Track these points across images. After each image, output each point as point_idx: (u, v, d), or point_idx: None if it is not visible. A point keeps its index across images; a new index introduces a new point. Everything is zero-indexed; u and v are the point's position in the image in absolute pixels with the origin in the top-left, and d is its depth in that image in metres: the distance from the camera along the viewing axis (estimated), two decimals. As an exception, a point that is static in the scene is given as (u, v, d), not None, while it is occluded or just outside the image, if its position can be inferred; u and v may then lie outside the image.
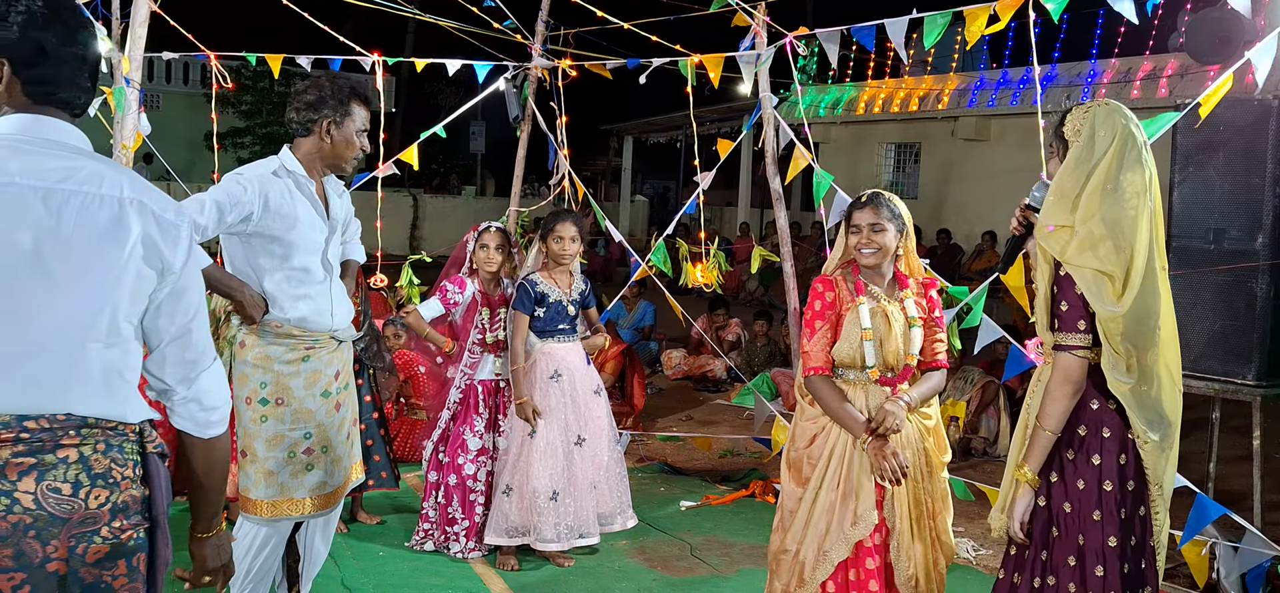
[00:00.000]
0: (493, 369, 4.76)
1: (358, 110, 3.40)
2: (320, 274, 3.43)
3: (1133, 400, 2.61)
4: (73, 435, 1.79)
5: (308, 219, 3.36)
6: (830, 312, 3.26)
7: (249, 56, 6.44)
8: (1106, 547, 2.62)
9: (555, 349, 4.64)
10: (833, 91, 17.81)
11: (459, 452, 4.70)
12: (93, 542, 1.79)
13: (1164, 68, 12.56)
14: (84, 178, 1.81)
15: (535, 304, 4.59)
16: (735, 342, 9.73)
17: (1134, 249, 2.55)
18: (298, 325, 3.38)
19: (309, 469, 3.44)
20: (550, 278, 4.64)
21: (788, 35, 5.45)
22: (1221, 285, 4.42)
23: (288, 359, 3.39)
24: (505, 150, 13.53)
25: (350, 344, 3.66)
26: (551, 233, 4.62)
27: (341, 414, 3.54)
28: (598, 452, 4.68)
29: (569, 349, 4.67)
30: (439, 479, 4.76)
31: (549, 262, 4.66)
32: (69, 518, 1.76)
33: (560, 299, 4.63)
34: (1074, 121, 2.67)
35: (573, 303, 4.68)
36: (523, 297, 4.58)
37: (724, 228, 21.13)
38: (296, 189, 3.35)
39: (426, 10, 8.39)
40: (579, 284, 4.75)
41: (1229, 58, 4.44)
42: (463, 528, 4.70)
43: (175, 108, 25.88)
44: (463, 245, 4.84)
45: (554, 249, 4.62)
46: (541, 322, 4.61)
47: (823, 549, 3.21)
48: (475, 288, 4.73)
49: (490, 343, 4.73)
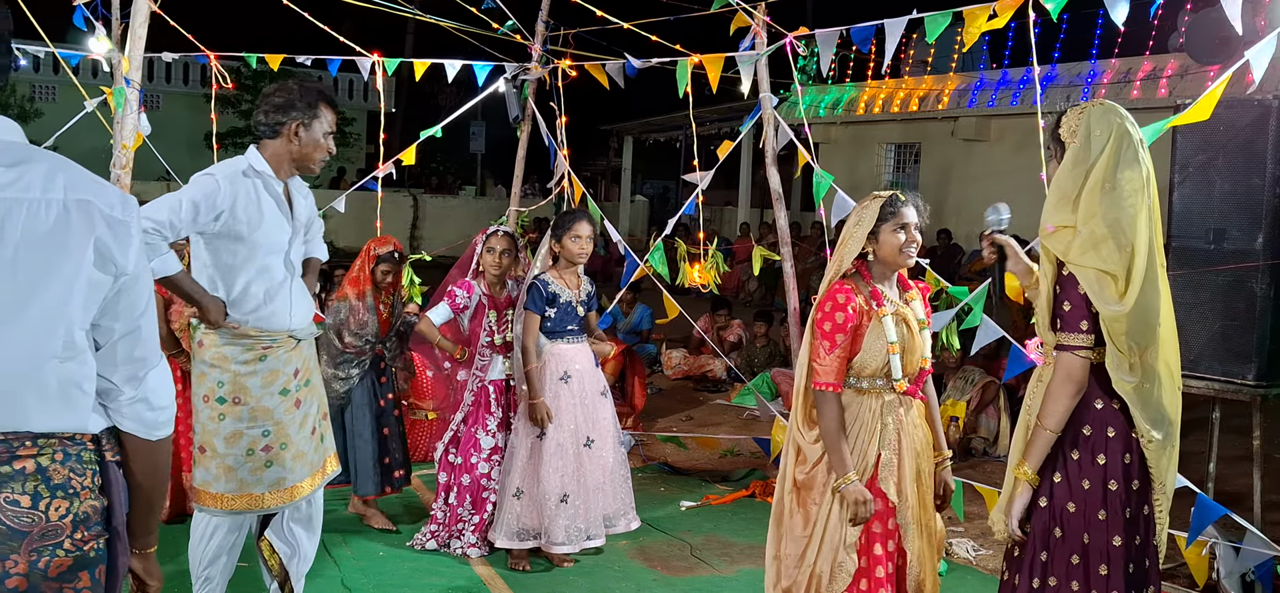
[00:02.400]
0: (503, 369, 4.77)
1: (325, 113, 3.47)
2: (282, 274, 3.48)
3: (1137, 399, 2.61)
4: (29, 446, 1.72)
5: (273, 219, 3.43)
6: (851, 324, 3.05)
7: (249, 57, 6.44)
8: (1111, 546, 2.63)
9: (564, 350, 4.63)
10: (833, 91, 17.80)
11: (472, 451, 4.71)
12: (55, 555, 1.72)
13: (1164, 68, 12.55)
14: (28, 183, 1.68)
15: (546, 304, 4.58)
16: (736, 342, 9.73)
17: (1134, 248, 2.55)
18: (256, 326, 3.43)
19: (268, 466, 3.49)
20: (560, 278, 4.63)
21: (788, 35, 5.45)
22: (1221, 285, 4.41)
23: (244, 359, 3.45)
24: (505, 150, 13.55)
25: (312, 342, 3.71)
26: (568, 232, 4.59)
27: (303, 410, 3.59)
28: (604, 453, 4.68)
29: (578, 350, 4.66)
30: (450, 480, 4.77)
31: (560, 262, 4.64)
32: (29, 531, 1.69)
33: (570, 300, 4.62)
34: (1070, 123, 2.69)
35: (582, 304, 4.68)
36: (535, 297, 4.55)
37: (724, 228, 21.12)
38: (264, 190, 3.41)
39: (426, 10, 8.39)
40: (586, 285, 4.75)
41: (1229, 58, 4.43)
42: (470, 525, 4.70)
43: (175, 108, 25.91)
44: (471, 249, 4.84)
45: (572, 249, 4.59)
46: (551, 323, 4.60)
47: (837, 562, 3.12)
48: (481, 291, 4.74)
49: (499, 345, 4.75)
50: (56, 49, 5.94)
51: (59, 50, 5.98)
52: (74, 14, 5.48)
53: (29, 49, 6.98)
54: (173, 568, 4.10)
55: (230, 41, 6.64)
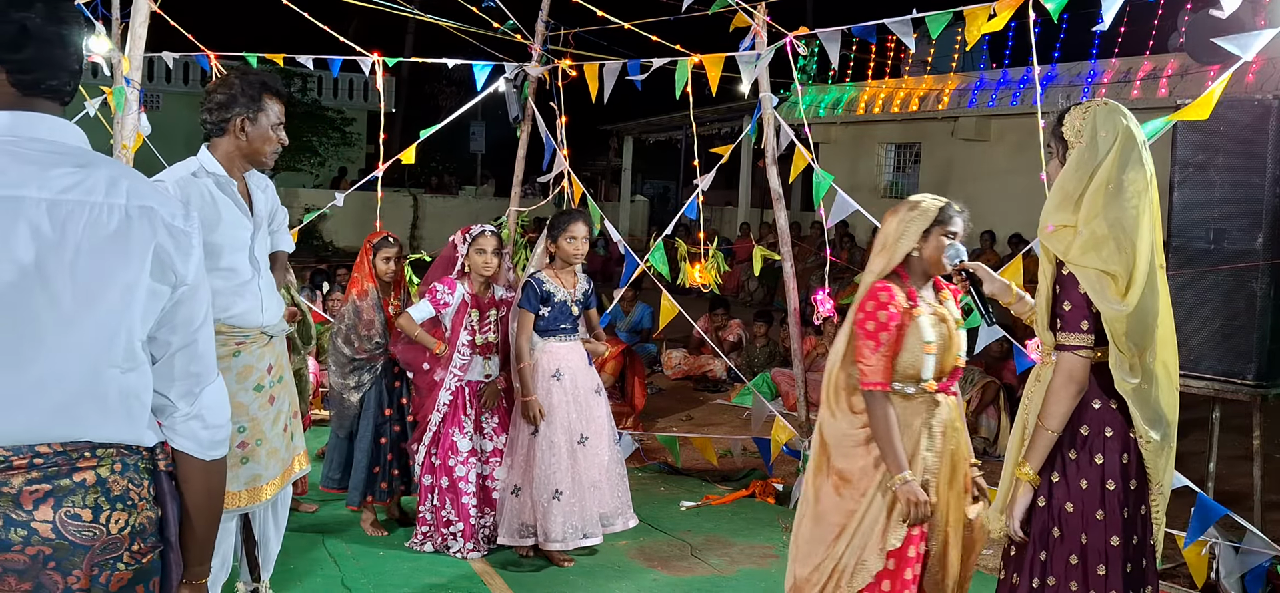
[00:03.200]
0: (482, 371, 4.76)
1: (271, 104, 3.44)
2: (248, 272, 3.48)
3: (1137, 399, 2.61)
4: (89, 457, 1.67)
5: (231, 218, 3.41)
6: (895, 322, 3.03)
7: (249, 57, 6.44)
8: (1109, 546, 2.63)
9: (557, 348, 4.64)
10: (833, 91, 17.81)
11: (449, 454, 4.71)
12: (115, 569, 1.67)
13: (1164, 68, 12.56)
14: (92, 186, 1.65)
15: (541, 303, 4.59)
16: (736, 342, 9.73)
17: (1136, 248, 2.55)
18: (228, 324, 3.43)
19: (243, 463, 3.51)
20: (556, 277, 4.65)
21: (788, 35, 5.45)
22: (1221, 285, 4.41)
23: (219, 355, 3.42)
24: (505, 150, 13.53)
25: (283, 337, 3.72)
26: (564, 232, 4.63)
27: (276, 407, 3.60)
28: (599, 451, 4.68)
29: (570, 349, 4.67)
30: (433, 482, 4.77)
31: (557, 261, 4.67)
32: (91, 546, 1.64)
33: (565, 299, 4.63)
34: (1074, 122, 2.66)
35: (577, 303, 4.70)
36: (529, 295, 4.58)
37: (724, 228, 21.12)
38: (218, 190, 3.40)
39: (426, 10, 8.40)
40: (583, 284, 4.76)
41: (1229, 58, 4.43)
42: (459, 529, 4.71)
43: (175, 108, 25.88)
44: (451, 246, 4.81)
45: (567, 249, 4.62)
46: (545, 321, 4.62)
47: (862, 559, 3.11)
48: (465, 290, 4.73)
49: (480, 345, 4.73)
50: (56, 49, 5.93)
51: (59, 50, 5.97)
52: None
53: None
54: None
55: (230, 41, 6.64)
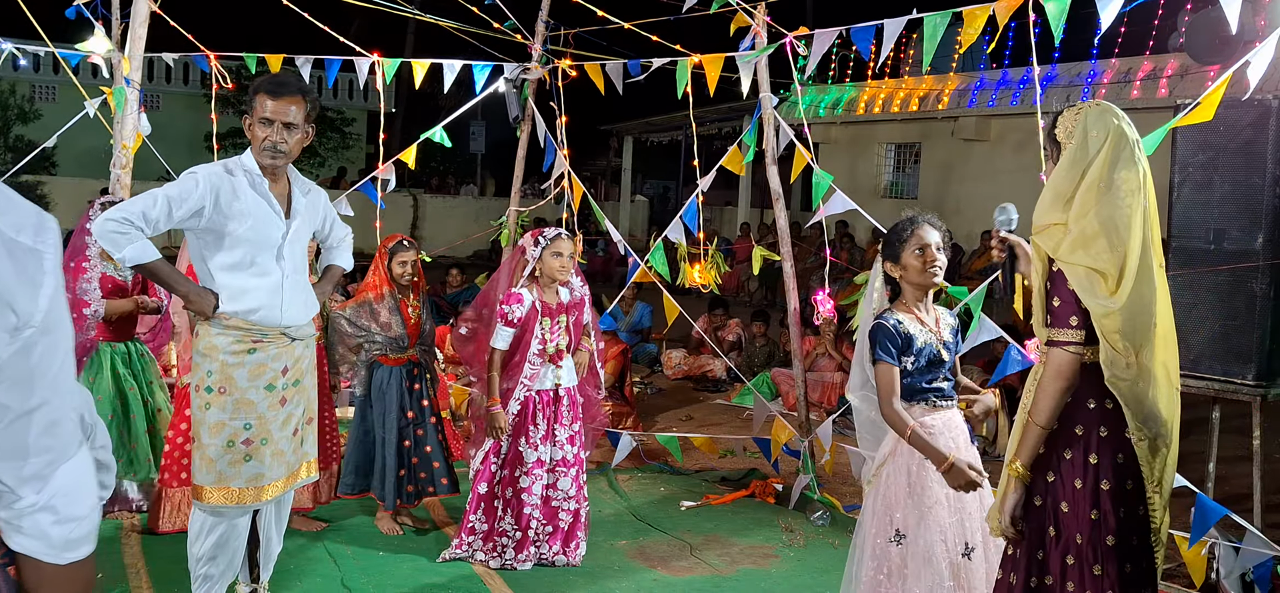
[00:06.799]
0: (552, 379, 4.63)
1: (260, 101, 3.51)
2: (272, 269, 3.52)
3: (1130, 398, 2.61)
4: None
5: (259, 215, 3.48)
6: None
7: (249, 57, 6.45)
8: (1105, 546, 2.63)
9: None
10: (833, 91, 17.80)
11: (515, 465, 4.61)
12: None
13: (1164, 68, 12.56)
14: None
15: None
16: (735, 342, 9.74)
17: (1128, 246, 2.56)
18: (245, 319, 3.48)
19: (247, 460, 3.53)
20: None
21: (788, 35, 5.45)
22: (1221, 285, 4.42)
23: (233, 350, 3.50)
24: (505, 150, 13.54)
25: (309, 343, 3.74)
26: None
27: (288, 410, 3.62)
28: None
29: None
30: (490, 491, 4.63)
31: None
32: None
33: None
34: (1066, 124, 2.70)
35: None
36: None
37: (724, 228, 21.13)
38: (248, 186, 3.48)
39: (426, 10, 8.40)
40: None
41: (1229, 58, 4.44)
42: (512, 541, 4.61)
43: (175, 108, 25.90)
44: (518, 252, 4.70)
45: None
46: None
47: None
48: (533, 298, 4.57)
49: (551, 353, 4.60)
50: (56, 49, 5.95)
51: (59, 50, 5.98)
52: (67, 10, 5.50)
53: (29, 49, 6.98)
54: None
55: (230, 41, 6.65)
